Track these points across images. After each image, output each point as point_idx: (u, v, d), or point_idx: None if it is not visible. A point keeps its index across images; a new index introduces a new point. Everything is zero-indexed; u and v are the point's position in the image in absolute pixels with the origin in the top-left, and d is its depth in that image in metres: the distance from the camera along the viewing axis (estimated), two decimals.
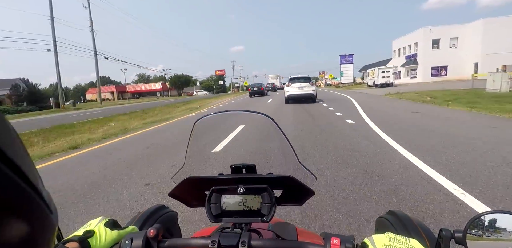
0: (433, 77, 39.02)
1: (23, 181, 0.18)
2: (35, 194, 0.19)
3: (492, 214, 0.48)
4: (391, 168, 3.31)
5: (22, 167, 0.18)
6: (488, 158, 3.46)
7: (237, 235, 0.53)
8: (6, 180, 0.16)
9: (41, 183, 0.21)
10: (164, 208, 0.81)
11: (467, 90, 15.16)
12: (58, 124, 11.53)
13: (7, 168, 0.17)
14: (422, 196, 2.51)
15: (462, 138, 4.65)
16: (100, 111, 21.85)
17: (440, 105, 9.95)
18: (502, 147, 3.94)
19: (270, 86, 45.57)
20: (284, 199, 0.64)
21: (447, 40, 38.57)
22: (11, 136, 0.19)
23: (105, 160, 4.72)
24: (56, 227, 0.22)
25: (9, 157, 0.17)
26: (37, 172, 0.21)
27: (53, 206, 0.22)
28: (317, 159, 3.89)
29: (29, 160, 0.20)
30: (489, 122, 5.95)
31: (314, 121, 7.70)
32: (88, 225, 0.57)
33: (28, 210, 0.18)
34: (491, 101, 9.50)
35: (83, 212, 2.70)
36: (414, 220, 0.66)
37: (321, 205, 2.45)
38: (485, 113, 7.28)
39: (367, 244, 0.48)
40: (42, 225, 0.20)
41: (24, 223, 0.18)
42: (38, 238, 0.20)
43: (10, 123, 0.19)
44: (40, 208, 0.20)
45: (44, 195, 0.21)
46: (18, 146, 0.19)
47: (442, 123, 6.32)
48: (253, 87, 30.05)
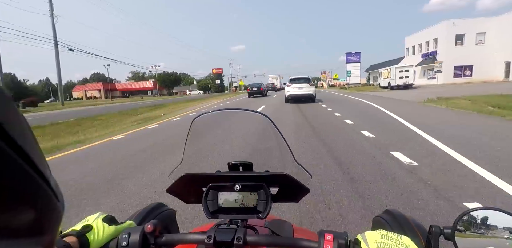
0: (456, 78, 34.04)
1: (32, 168, 0.18)
2: (43, 182, 0.19)
3: (480, 211, 0.49)
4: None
5: (31, 154, 0.18)
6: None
7: (232, 230, 0.54)
8: (16, 167, 0.17)
9: (49, 170, 0.21)
10: (162, 205, 0.81)
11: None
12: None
13: (17, 155, 0.17)
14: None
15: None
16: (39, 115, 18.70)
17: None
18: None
19: (270, 87, 43.28)
20: (280, 197, 0.66)
21: (473, 35, 33.44)
22: (22, 125, 0.19)
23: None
24: (62, 215, 0.23)
25: (19, 145, 0.17)
26: (45, 160, 0.21)
27: (60, 194, 0.22)
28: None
29: (38, 148, 0.20)
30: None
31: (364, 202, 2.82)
32: (86, 220, 0.58)
33: (36, 197, 0.19)
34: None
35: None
36: (409, 218, 0.66)
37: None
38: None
39: (359, 240, 0.49)
40: (49, 212, 0.20)
41: (32, 210, 0.18)
42: (45, 225, 0.20)
43: (22, 113, 0.19)
44: (47, 195, 0.20)
45: (52, 183, 0.21)
46: (28, 134, 0.19)
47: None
48: (252, 87, 28.38)
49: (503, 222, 0.46)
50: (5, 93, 0.18)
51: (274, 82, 52.62)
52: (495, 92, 12.63)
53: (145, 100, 42.39)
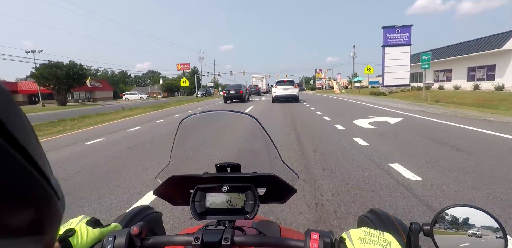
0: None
1: (33, 167, 0.18)
2: (44, 180, 0.19)
3: (458, 208, 0.50)
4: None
5: (32, 153, 0.18)
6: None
7: (220, 231, 0.54)
8: (17, 166, 0.17)
9: (50, 169, 0.21)
10: (148, 208, 0.81)
11: None
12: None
13: (18, 154, 0.17)
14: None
15: None
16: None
17: None
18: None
19: (252, 90, 35.00)
20: (268, 197, 0.66)
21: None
22: (24, 123, 0.19)
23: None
24: (63, 213, 0.23)
25: (21, 144, 0.17)
26: (46, 158, 0.21)
27: (60, 192, 0.22)
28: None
29: (39, 147, 0.20)
30: None
31: None
32: (68, 224, 0.56)
33: (36, 195, 0.19)
34: None
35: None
36: (392, 217, 0.68)
37: None
38: None
39: (344, 238, 0.50)
40: (49, 211, 0.20)
41: (33, 208, 0.18)
42: (46, 224, 0.20)
43: (23, 111, 0.19)
44: (48, 194, 0.20)
45: (52, 182, 0.21)
46: (29, 133, 0.19)
47: None
48: (229, 90, 21.90)
49: (480, 220, 0.49)
50: (6, 90, 0.17)
51: (257, 84, 41.89)
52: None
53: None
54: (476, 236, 0.48)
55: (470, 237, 0.48)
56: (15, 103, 0.18)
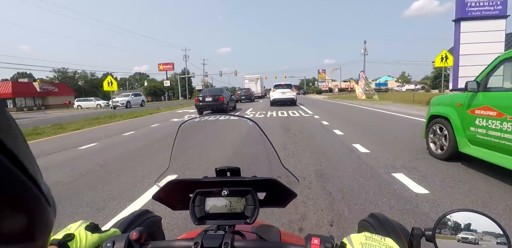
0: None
1: (23, 172, 0.18)
2: (34, 186, 0.19)
3: (460, 213, 0.50)
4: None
5: (22, 159, 0.18)
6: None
7: (220, 236, 0.54)
8: (6, 171, 0.16)
9: (40, 175, 0.21)
10: (148, 212, 0.80)
11: None
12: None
13: (6, 159, 0.16)
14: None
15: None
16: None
17: None
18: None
19: (242, 94, 26.27)
20: (268, 201, 0.66)
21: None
22: (12, 128, 0.18)
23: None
24: (54, 220, 0.22)
25: (9, 148, 0.17)
26: (37, 164, 0.20)
27: (51, 199, 0.22)
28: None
29: (29, 152, 0.20)
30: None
31: None
32: (67, 229, 0.56)
33: (27, 202, 0.18)
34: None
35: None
36: (393, 221, 0.67)
37: None
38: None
39: (345, 243, 0.50)
40: (40, 218, 0.20)
41: (23, 215, 0.18)
42: (37, 231, 0.19)
43: (11, 115, 0.19)
44: (39, 201, 0.19)
45: (43, 188, 0.20)
46: (18, 137, 0.19)
47: None
48: (204, 96, 14.19)
49: (482, 225, 0.48)
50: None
51: (250, 87, 31.89)
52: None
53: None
54: (479, 242, 0.47)
55: (472, 243, 0.48)
56: (3, 108, 0.18)
